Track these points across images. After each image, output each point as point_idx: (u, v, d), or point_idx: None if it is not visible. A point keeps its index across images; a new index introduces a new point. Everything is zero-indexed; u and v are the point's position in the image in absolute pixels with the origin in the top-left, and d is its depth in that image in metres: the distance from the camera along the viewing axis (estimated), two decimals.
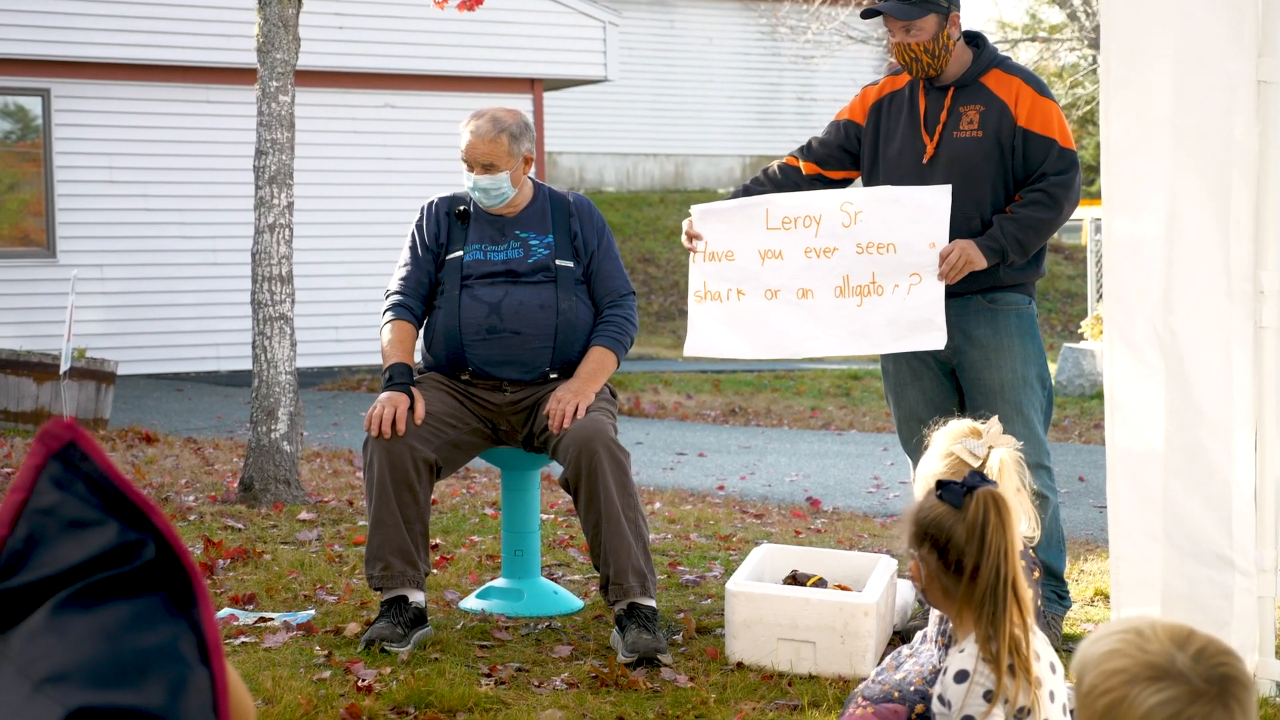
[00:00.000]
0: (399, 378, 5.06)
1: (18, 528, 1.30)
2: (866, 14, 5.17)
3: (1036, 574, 3.84)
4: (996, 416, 3.60)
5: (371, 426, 4.92)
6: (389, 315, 5.22)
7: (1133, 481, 4.33)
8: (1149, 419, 4.28)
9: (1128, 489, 4.34)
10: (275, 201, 7.58)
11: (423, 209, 5.37)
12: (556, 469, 5.13)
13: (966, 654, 3.00)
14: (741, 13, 27.07)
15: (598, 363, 5.16)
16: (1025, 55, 22.88)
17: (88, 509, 1.32)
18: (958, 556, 2.98)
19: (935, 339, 4.96)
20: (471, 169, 5.19)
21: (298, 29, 7.68)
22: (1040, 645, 3.07)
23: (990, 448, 3.39)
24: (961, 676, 2.98)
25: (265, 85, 7.60)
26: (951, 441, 3.44)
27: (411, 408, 4.97)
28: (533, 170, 5.42)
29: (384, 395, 4.99)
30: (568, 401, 4.97)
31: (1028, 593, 3.02)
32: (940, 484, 3.03)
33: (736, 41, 27.37)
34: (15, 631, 1.30)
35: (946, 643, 3.43)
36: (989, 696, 2.96)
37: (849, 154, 5.29)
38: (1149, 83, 4.23)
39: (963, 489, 2.99)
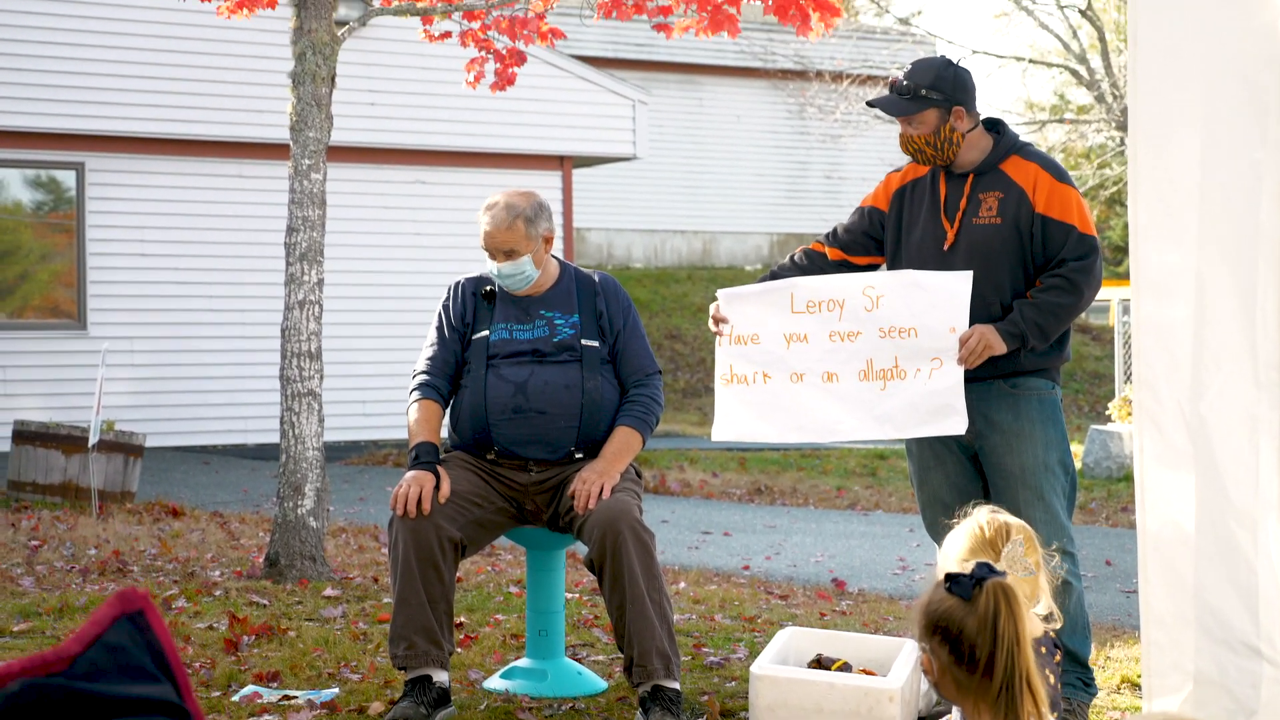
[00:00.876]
0: (425, 456, 5.08)
1: (92, 649, 1.52)
2: (870, 104, 5.25)
3: (1058, 658, 3.83)
4: (1019, 536, 3.59)
5: (397, 506, 4.94)
6: (415, 395, 5.25)
7: (1164, 567, 4.31)
8: (1179, 504, 4.27)
9: (1159, 574, 4.32)
10: (306, 278, 7.63)
11: (449, 289, 5.41)
12: (582, 548, 5.13)
13: None
14: (770, 91, 27.24)
15: (623, 443, 5.17)
16: (1053, 136, 22.95)
17: (148, 665, 1.55)
18: (970, 649, 2.97)
19: (955, 424, 4.96)
20: (494, 257, 5.24)
21: (330, 108, 7.77)
22: None
23: (1005, 572, 3.40)
24: None
25: (298, 163, 7.68)
26: (966, 555, 3.47)
27: (437, 487, 4.99)
28: (560, 247, 5.46)
29: (410, 474, 5.01)
30: (593, 482, 4.98)
31: (1040, 682, 3.00)
32: (949, 576, 3.02)
33: (765, 120, 27.53)
34: None
35: None
36: None
37: (873, 240, 5.33)
38: (1176, 170, 4.26)
39: (971, 581, 2.99)
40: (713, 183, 27.08)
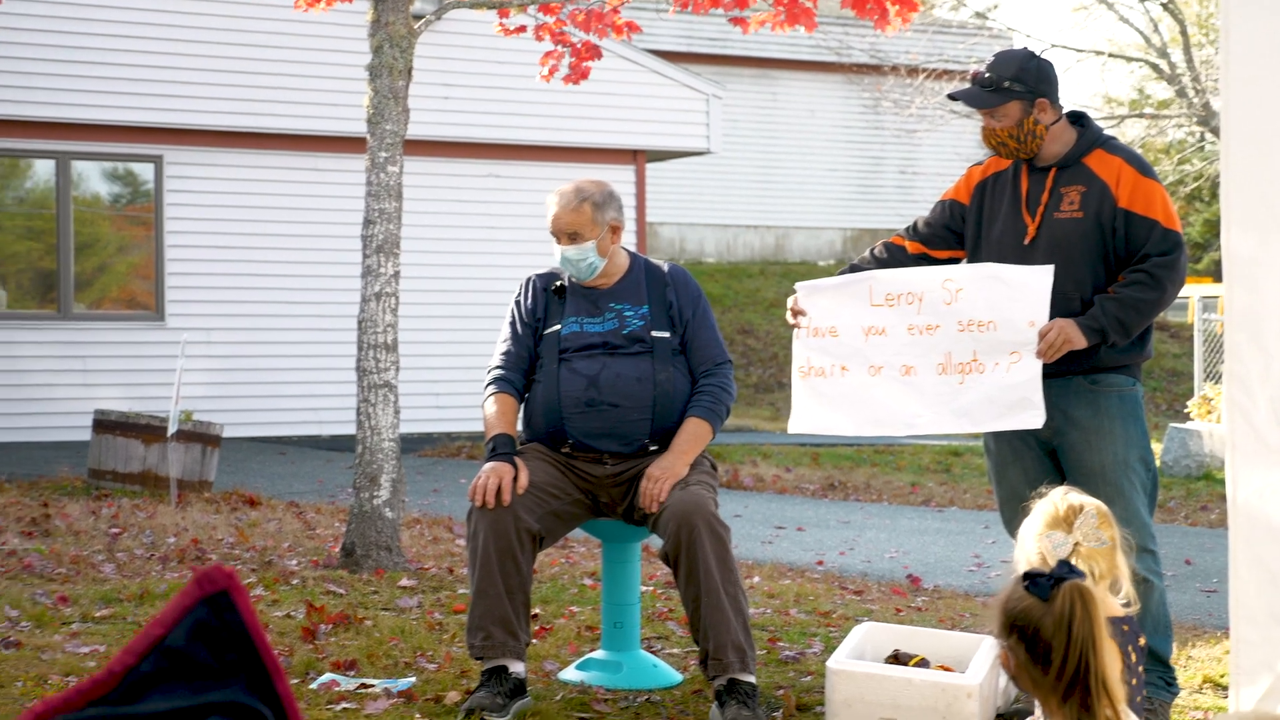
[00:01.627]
0: (502, 448, 5.09)
1: (146, 660, 1.41)
2: (951, 97, 5.21)
3: (1142, 640, 3.80)
4: (1092, 509, 3.56)
5: (476, 496, 4.95)
6: (491, 389, 5.27)
7: (1255, 563, 4.26)
8: (1271, 500, 4.21)
9: (1250, 571, 4.27)
10: (382, 270, 7.67)
11: (521, 285, 5.43)
12: (656, 541, 5.12)
13: None
14: (844, 86, 27.12)
15: (692, 434, 5.16)
16: (1132, 131, 22.73)
17: (214, 663, 1.43)
18: (1045, 648, 2.97)
19: (1033, 418, 4.92)
20: (559, 240, 5.25)
21: (407, 100, 7.80)
22: None
23: (1077, 544, 3.38)
24: None
25: (374, 155, 7.71)
26: (1043, 530, 3.45)
27: (515, 478, 5.00)
28: (632, 241, 5.47)
29: (488, 465, 5.02)
30: (660, 480, 4.97)
31: (1117, 682, 2.99)
32: (1027, 575, 3.03)
33: (839, 114, 27.42)
34: None
35: None
36: None
37: (954, 234, 5.29)
38: (1269, 163, 4.20)
39: (1049, 581, 2.98)
40: (786, 177, 27.00)
